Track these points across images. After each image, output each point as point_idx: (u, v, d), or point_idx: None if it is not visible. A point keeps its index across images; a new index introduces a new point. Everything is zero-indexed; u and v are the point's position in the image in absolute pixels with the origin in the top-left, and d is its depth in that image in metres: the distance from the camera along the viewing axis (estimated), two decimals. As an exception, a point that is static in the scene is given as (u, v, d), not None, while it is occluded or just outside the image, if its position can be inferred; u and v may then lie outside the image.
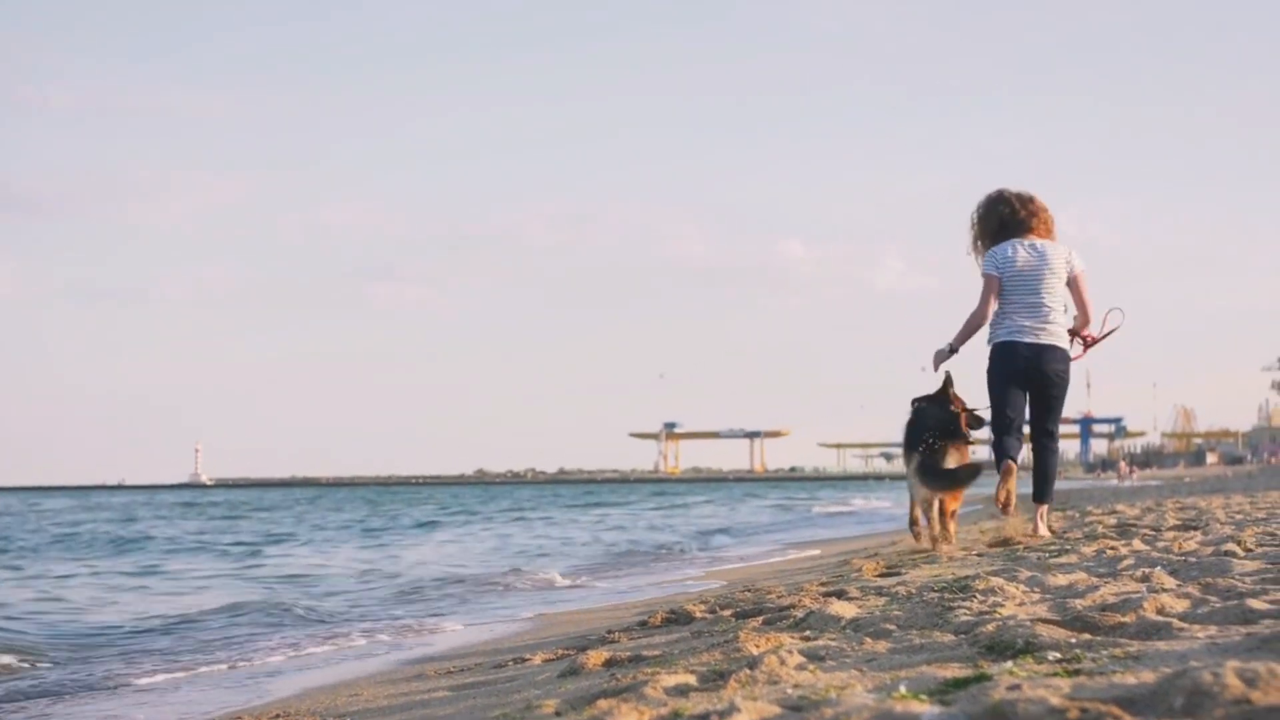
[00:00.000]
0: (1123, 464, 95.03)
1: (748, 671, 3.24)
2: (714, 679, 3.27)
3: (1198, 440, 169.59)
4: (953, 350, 9.27)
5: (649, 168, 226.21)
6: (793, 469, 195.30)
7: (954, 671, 3.00)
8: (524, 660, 5.42)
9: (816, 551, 15.07)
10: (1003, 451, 8.91)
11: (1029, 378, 9.00)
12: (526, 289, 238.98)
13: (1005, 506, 9.04)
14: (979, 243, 9.30)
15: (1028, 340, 8.95)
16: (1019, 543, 8.50)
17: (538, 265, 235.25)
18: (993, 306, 9.04)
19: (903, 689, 2.84)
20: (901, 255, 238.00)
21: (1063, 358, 9.01)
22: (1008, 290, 8.98)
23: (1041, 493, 9.23)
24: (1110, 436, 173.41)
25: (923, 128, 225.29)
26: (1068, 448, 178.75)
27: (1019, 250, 8.99)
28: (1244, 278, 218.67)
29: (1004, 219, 9.14)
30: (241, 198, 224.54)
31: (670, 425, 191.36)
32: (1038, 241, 9.03)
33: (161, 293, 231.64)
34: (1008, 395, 9.05)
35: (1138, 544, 7.25)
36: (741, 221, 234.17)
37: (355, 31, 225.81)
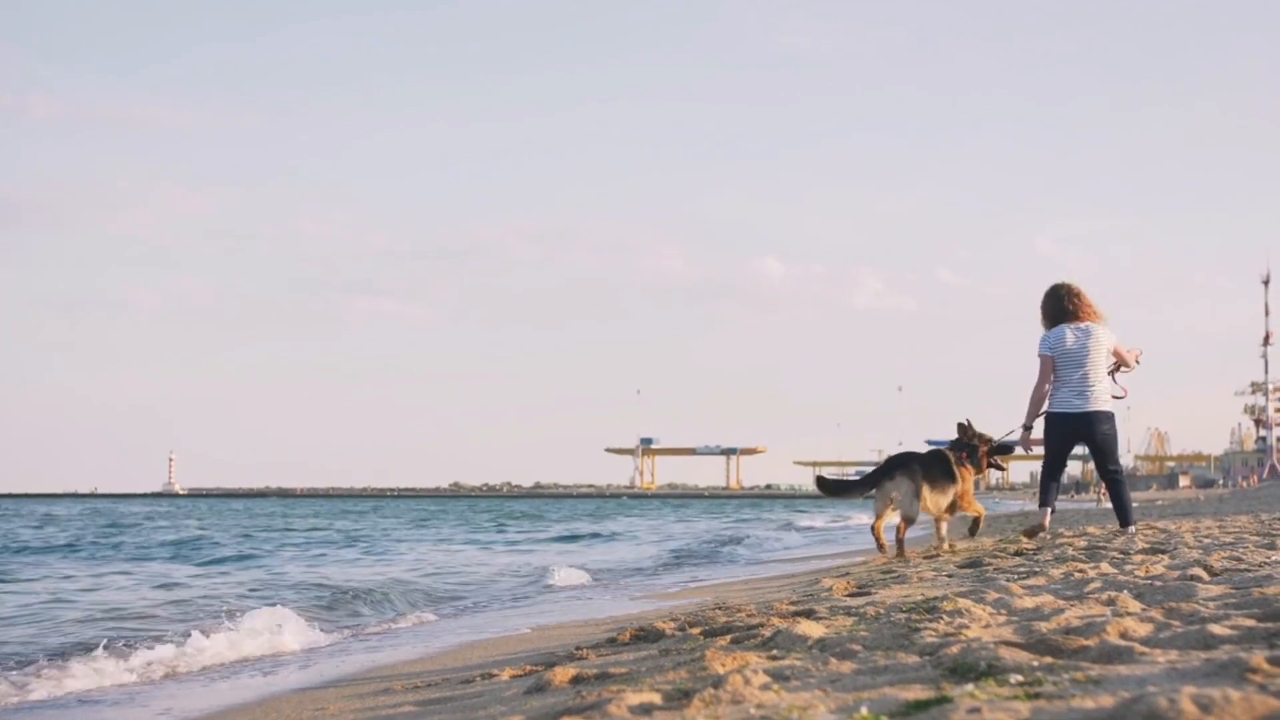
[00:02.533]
0: (1104, 486, 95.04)
1: (712, 691, 3.25)
2: (679, 698, 3.28)
3: (1170, 463, 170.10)
4: (1026, 429, 11.51)
5: (628, 184, 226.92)
6: (768, 486, 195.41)
7: (916, 693, 3.01)
8: (491, 676, 5.42)
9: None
10: (1043, 498, 11.72)
11: (1079, 438, 11.31)
12: (504, 304, 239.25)
13: (1031, 534, 11.96)
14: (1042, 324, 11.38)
15: (1075, 411, 11.17)
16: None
17: (516, 280, 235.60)
18: (1048, 381, 11.25)
19: (865, 710, 2.86)
20: (878, 275, 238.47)
21: (1106, 417, 11.24)
22: (1059, 366, 11.19)
23: (1125, 518, 11.67)
24: (1084, 458, 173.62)
25: (901, 149, 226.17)
26: (1036, 469, 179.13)
27: (1067, 333, 11.19)
28: (1217, 302, 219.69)
29: (1059, 308, 11.27)
30: (218, 210, 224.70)
31: (647, 441, 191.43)
32: (1083, 324, 11.21)
33: (138, 303, 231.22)
34: (1054, 453, 11.56)
35: (1105, 567, 7.28)
36: (719, 239, 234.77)
37: (334, 45, 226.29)
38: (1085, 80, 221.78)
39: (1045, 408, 11.30)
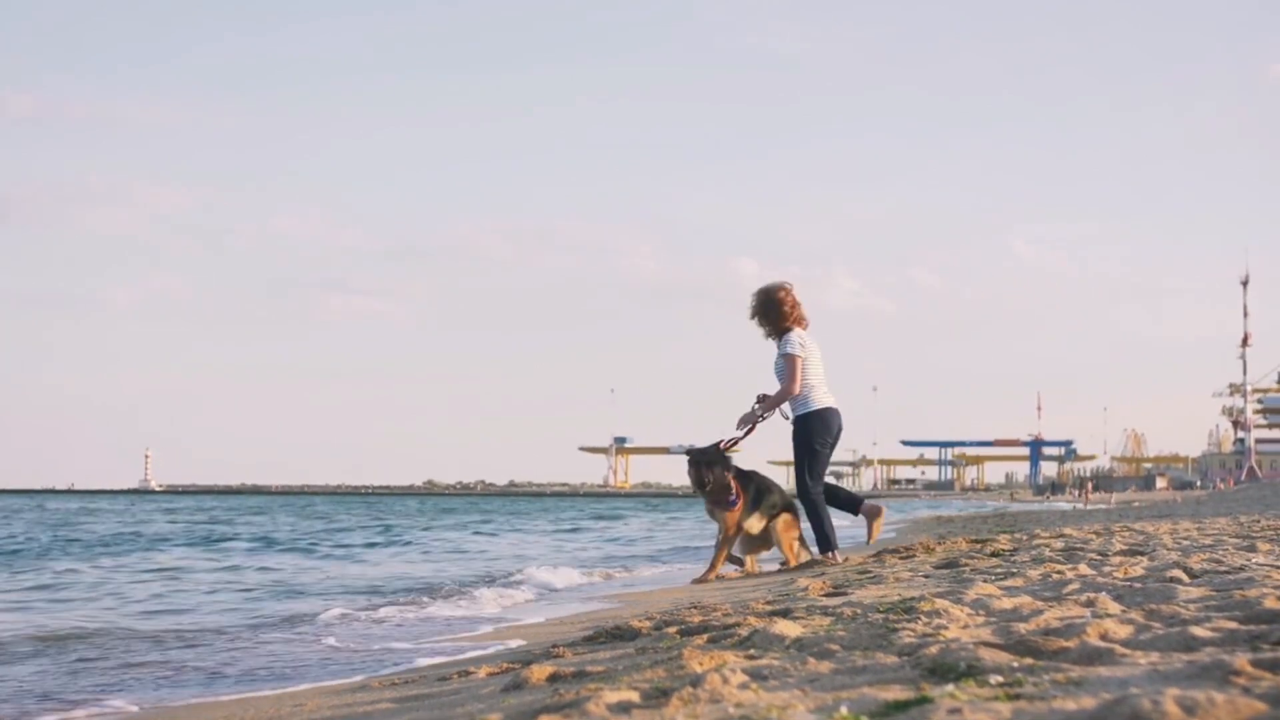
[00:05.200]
0: (1089, 485, 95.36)
1: (690, 689, 3.23)
2: (657, 696, 3.26)
3: (1147, 465, 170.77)
4: (759, 419, 11.27)
5: (603, 185, 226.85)
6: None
7: (896, 694, 2.99)
8: (468, 673, 5.39)
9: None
10: (829, 531, 11.16)
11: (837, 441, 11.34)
12: (479, 302, 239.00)
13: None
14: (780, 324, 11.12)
15: (837, 409, 11.25)
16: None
17: (490, 279, 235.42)
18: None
19: (844, 710, 2.84)
20: (855, 275, 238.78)
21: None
22: (808, 366, 11.08)
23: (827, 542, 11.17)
24: (1060, 459, 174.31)
25: (876, 149, 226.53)
26: (1017, 469, 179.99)
27: (806, 336, 11.15)
28: (1196, 304, 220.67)
29: (796, 312, 11.14)
30: (193, 207, 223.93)
31: (621, 440, 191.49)
32: (806, 330, 11.24)
33: (113, 300, 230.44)
34: (826, 456, 11.26)
35: (1084, 568, 7.27)
36: (694, 240, 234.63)
37: (312, 45, 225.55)
38: (1063, 83, 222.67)
39: (811, 405, 10.99)
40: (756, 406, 11.19)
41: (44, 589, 14.66)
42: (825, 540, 11.09)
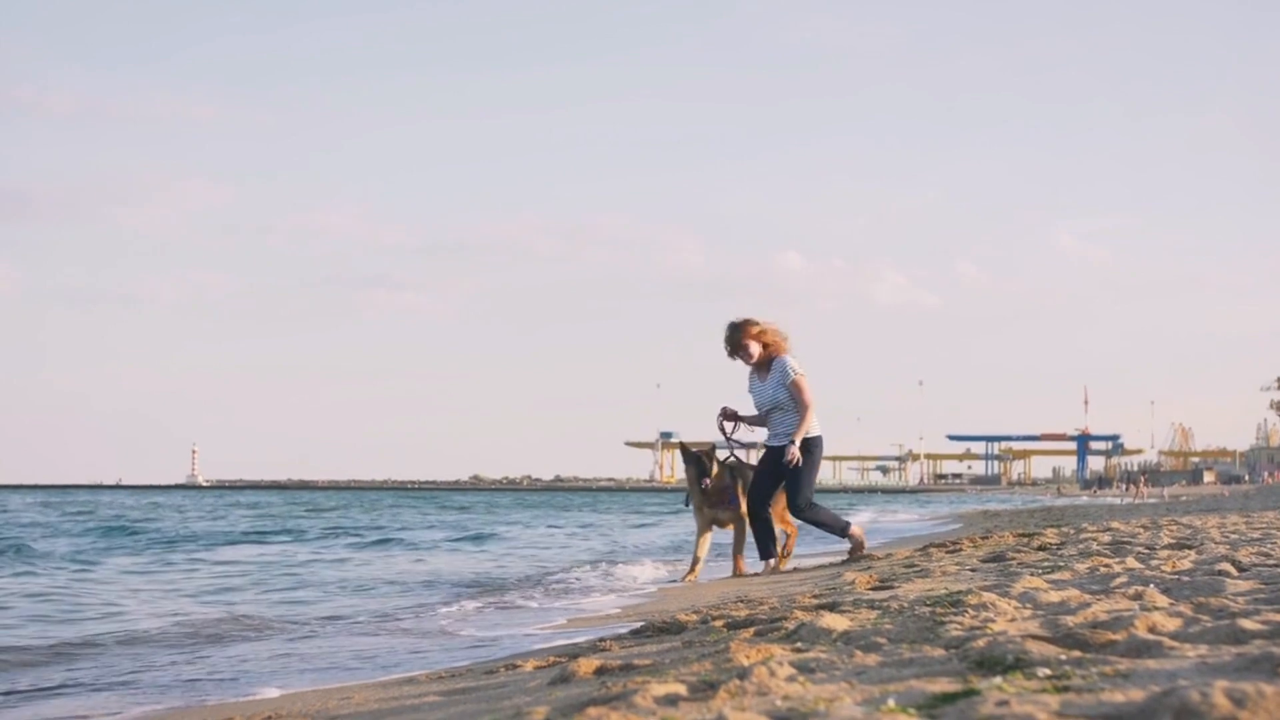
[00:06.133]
0: (1143, 479, 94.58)
1: (738, 682, 3.24)
2: (704, 689, 3.27)
3: (1195, 459, 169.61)
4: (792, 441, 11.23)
5: (647, 179, 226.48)
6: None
7: (943, 686, 2.99)
8: (515, 666, 5.41)
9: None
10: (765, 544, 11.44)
11: None
12: (524, 297, 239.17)
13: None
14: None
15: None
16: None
17: (535, 274, 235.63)
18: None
19: (891, 703, 2.84)
20: (900, 269, 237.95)
21: None
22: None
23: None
24: (1107, 454, 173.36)
25: (922, 143, 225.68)
26: (1064, 464, 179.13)
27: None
28: (1243, 299, 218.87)
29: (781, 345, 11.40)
30: (235, 203, 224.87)
31: (666, 435, 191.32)
32: None
33: (156, 297, 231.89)
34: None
35: (1131, 562, 7.24)
36: (739, 234, 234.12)
37: (351, 39, 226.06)
38: (1110, 75, 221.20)
39: (816, 429, 11.30)
40: (727, 424, 11.65)
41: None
42: (841, 528, 11.57)
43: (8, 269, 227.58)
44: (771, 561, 11.37)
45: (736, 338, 11.29)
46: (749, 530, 11.41)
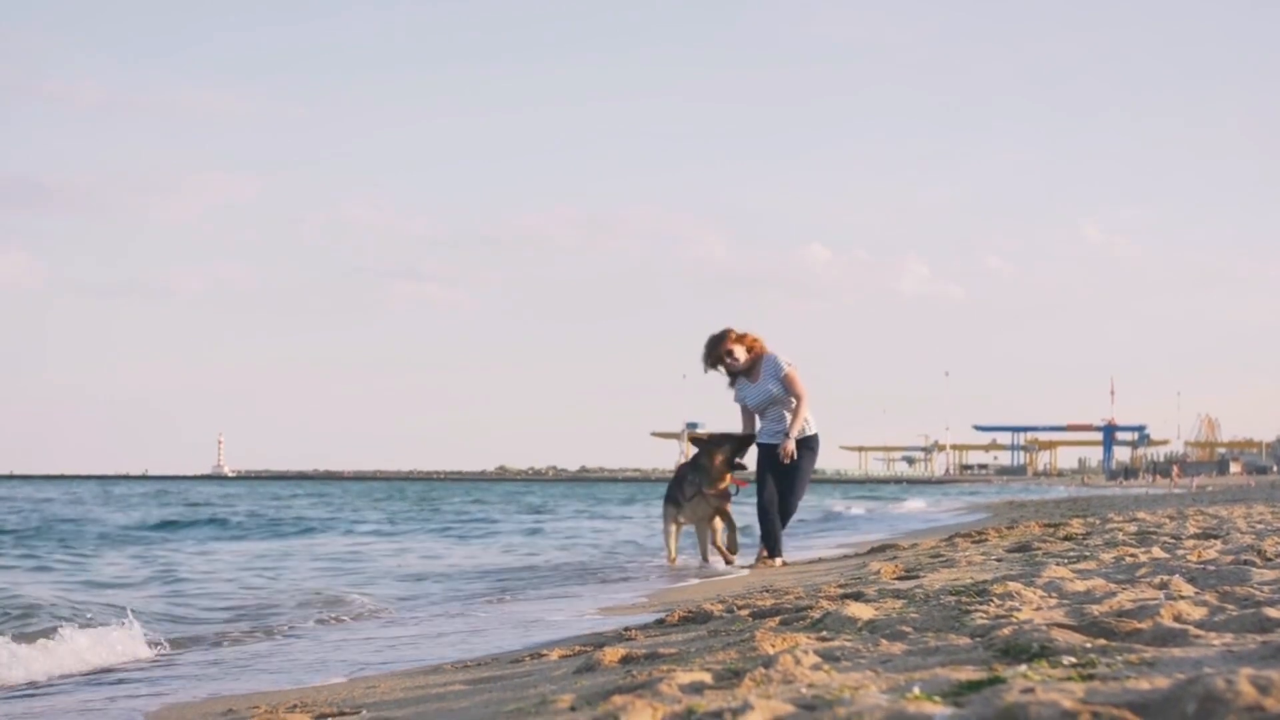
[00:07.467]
0: (1177, 468, 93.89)
1: (763, 670, 3.25)
2: (729, 677, 3.28)
3: (1221, 449, 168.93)
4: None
5: (671, 172, 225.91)
6: (815, 470, 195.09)
7: (968, 674, 3.00)
8: (540, 656, 5.43)
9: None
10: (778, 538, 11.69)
11: None
12: (549, 289, 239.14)
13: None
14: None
15: None
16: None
17: (560, 266, 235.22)
18: None
19: (916, 690, 2.85)
20: (925, 261, 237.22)
21: None
22: None
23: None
24: (1133, 444, 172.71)
25: (946, 135, 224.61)
26: (1090, 454, 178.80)
27: None
28: (1270, 290, 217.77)
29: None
30: (260, 195, 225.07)
31: (692, 425, 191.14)
32: None
33: (182, 288, 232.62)
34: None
35: (1157, 551, 7.24)
36: (763, 227, 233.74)
37: (378, 31, 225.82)
38: (1135, 68, 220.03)
39: (813, 425, 11.77)
40: (702, 433, 12.27)
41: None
42: (776, 548, 11.65)
43: (34, 260, 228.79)
44: (777, 561, 11.46)
45: (719, 347, 11.58)
46: (752, 526, 11.60)
